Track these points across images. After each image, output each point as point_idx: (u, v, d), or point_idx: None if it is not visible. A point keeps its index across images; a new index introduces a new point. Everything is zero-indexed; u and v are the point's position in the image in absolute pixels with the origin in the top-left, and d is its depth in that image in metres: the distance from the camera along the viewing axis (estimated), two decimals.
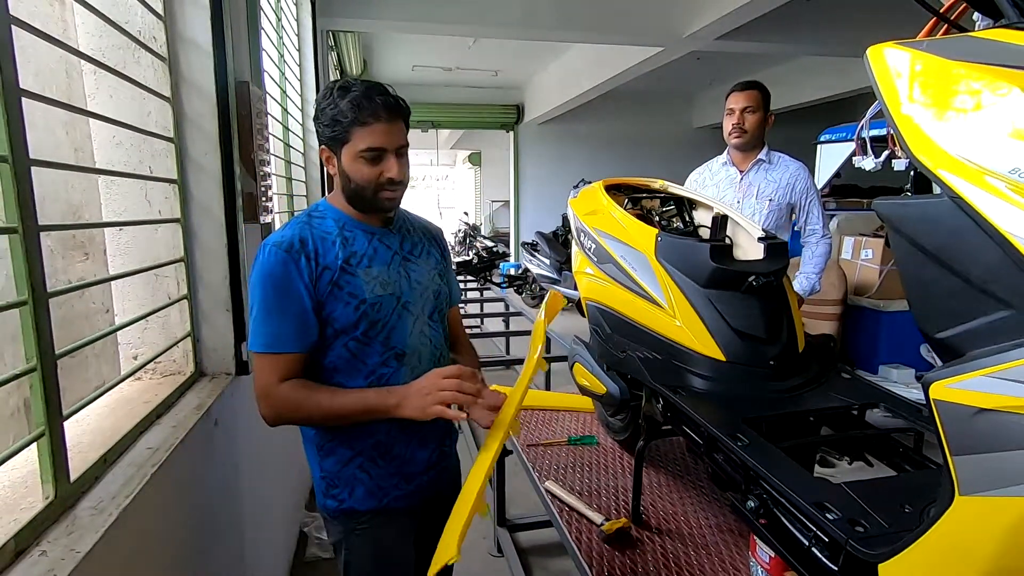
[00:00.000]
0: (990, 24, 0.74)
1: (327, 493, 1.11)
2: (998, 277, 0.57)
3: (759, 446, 1.01)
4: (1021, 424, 0.53)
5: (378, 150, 1.02)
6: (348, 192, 1.06)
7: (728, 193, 2.24)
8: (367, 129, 1.00)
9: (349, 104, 0.99)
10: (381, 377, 1.07)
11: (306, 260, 1.01)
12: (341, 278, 1.03)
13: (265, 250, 1.01)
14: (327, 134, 1.03)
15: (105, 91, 1.29)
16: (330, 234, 1.05)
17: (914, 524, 0.69)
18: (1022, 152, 0.55)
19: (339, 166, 1.05)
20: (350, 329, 1.04)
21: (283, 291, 0.99)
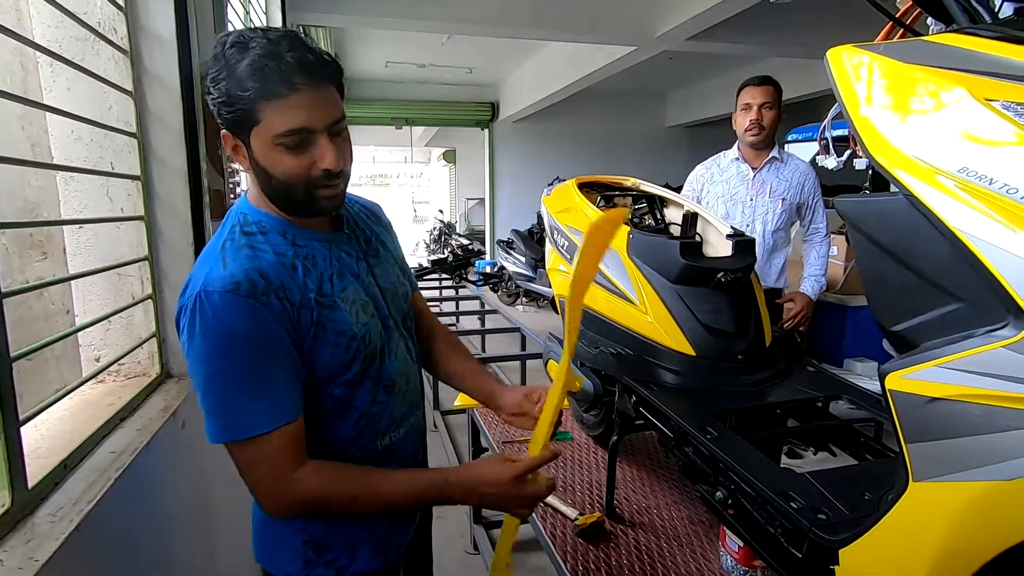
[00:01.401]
0: (942, 29, 0.77)
1: (316, 561, 0.86)
2: (948, 272, 0.59)
3: (727, 439, 1.03)
4: (970, 412, 0.56)
5: (303, 131, 0.72)
6: (269, 191, 0.77)
7: (740, 190, 2.17)
8: (282, 103, 0.70)
9: (250, 69, 0.69)
10: (373, 418, 0.86)
11: (279, 302, 0.73)
12: (322, 314, 0.77)
13: (215, 303, 0.70)
14: (225, 115, 0.73)
15: (63, 84, 1.25)
16: (285, 256, 0.77)
17: (873, 510, 0.72)
18: (970, 152, 0.57)
19: (249, 158, 0.75)
20: (340, 373, 0.81)
21: (259, 352, 0.72)
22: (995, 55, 0.60)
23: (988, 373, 0.54)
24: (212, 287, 0.71)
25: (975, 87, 0.59)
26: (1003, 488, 0.53)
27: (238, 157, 0.77)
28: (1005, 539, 0.55)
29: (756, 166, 2.15)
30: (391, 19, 4.22)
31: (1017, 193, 0.53)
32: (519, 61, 7.17)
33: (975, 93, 0.58)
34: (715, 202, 2.22)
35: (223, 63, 0.71)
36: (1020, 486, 0.52)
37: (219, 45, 0.72)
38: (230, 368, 0.72)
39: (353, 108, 8.44)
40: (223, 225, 0.81)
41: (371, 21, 4.32)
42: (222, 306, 0.70)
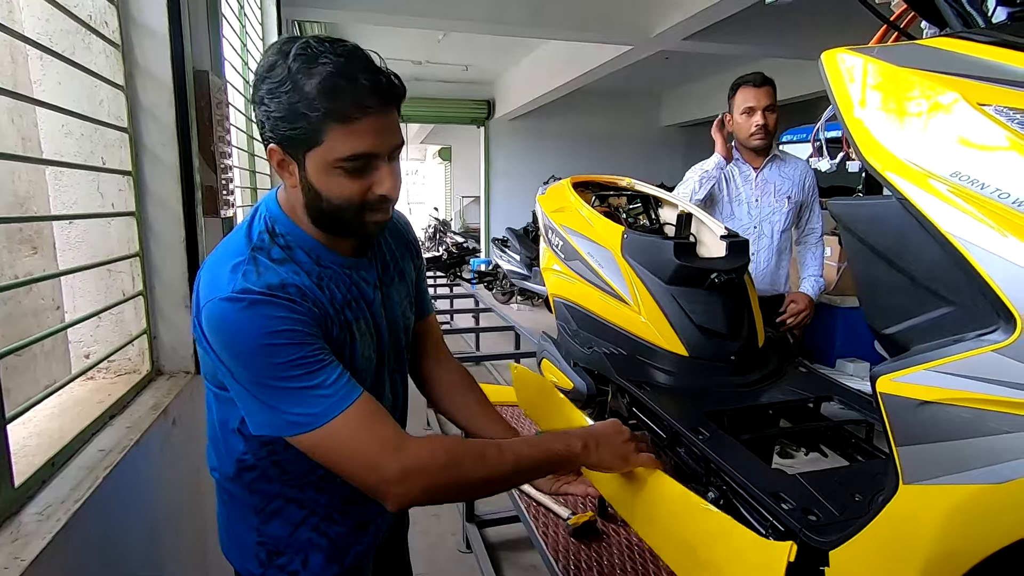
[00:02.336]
0: (936, 32, 0.77)
1: (268, 563, 0.84)
2: (940, 275, 0.59)
3: (719, 439, 1.04)
4: (960, 415, 0.56)
5: (367, 156, 0.69)
6: (315, 211, 0.74)
7: (744, 190, 2.08)
8: (350, 128, 0.67)
9: (320, 87, 0.65)
10: None
11: (316, 309, 0.72)
12: (341, 335, 0.76)
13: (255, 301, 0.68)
14: (282, 130, 0.69)
15: (53, 78, 1.24)
16: (311, 274, 0.75)
17: (863, 512, 0.72)
18: (963, 156, 0.58)
19: (301, 176, 0.72)
20: None
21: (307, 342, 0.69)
22: (989, 59, 0.60)
23: (978, 377, 0.54)
24: (250, 287, 0.68)
25: (968, 91, 0.59)
26: (992, 491, 0.54)
27: (283, 173, 0.74)
28: (994, 542, 0.55)
29: (757, 165, 2.07)
30: (387, 15, 4.20)
31: (1009, 198, 0.54)
32: (515, 59, 7.16)
33: (968, 97, 0.59)
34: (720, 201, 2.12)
35: (286, 75, 0.67)
36: (1009, 489, 0.52)
37: (278, 54, 0.68)
38: (285, 362, 0.67)
39: None
40: (249, 222, 0.78)
41: (366, 17, 4.30)
42: (256, 308, 0.67)
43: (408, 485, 0.68)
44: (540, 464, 0.78)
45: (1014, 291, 0.52)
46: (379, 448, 0.68)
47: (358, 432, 0.68)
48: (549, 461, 0.78)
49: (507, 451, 0.74)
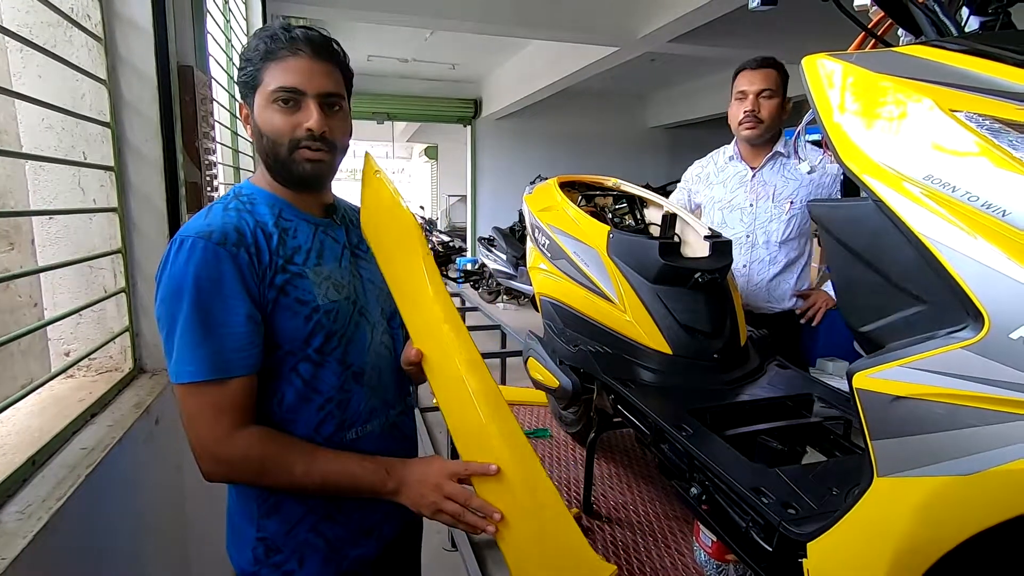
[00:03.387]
0: (912, 40, 0.79)
1: (264, 561, 0.85)
2: (913, 275, 0.62)
3: (703, 436, 1.06)
4: (931, 410, 0.58)
5: (293, 91, 0.78)
6: (263, 154, 0.84)
7: (738, 194, 1.82)
8: (281, 65, 0.79)
9: (263, 39, 0.79)
10: (340, 404, 0.86)
11: (247, 256, 0.77)
12: (287, 280, 0.80)
13: (186, 246, 0.74)
14: (240, 84, 0.83)
15: (33, 71, 1.22)
16: (266, 224, 0.82)
17: (839, 505, 0.75)
18: (935, 160, 0.60)
19: (252, 120, 0.83)
20: (300, 347, 0.82)
21: (221, 296, 0.75)
22: (961, 68, 0.63)
23: (948, 373, 0.56)
24: (191, 233, 0.76)
25: (941, 98, 0.61)
26: (961, 483, 0.56)
27: (247, 126, 0.85)
28: (962, 531, 0.57)
29: (756, 165, 1.80)
30: (373, 12, 4.18)
31: (978, 201, 0.56)
32: (502, 58, 7.16)
33: (941, 104, 0.61)
34: (710, 207, 1.89)
35: (248, 45, 0.81)
36: (976, 480, 0.54)
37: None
38: (189, 309, 0.74)
39: None
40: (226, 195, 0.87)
41: (353, 14, 4.27)
42: (191, 249, 0.75)
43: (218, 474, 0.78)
44: (345, 490, 0.82)
45: (982, 290, 0.54)
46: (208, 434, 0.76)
47: (202, 409, 0.76)
48: (355, 490, 0.82)
49: (315, 471, 0.79)
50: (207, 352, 0.74)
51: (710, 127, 8.99)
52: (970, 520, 0.57)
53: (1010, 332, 0.52)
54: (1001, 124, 0.57)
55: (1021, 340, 0.51)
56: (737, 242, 1.78)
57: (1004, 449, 0.52)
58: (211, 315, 0.74)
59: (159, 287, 0.76)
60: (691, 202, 2.00)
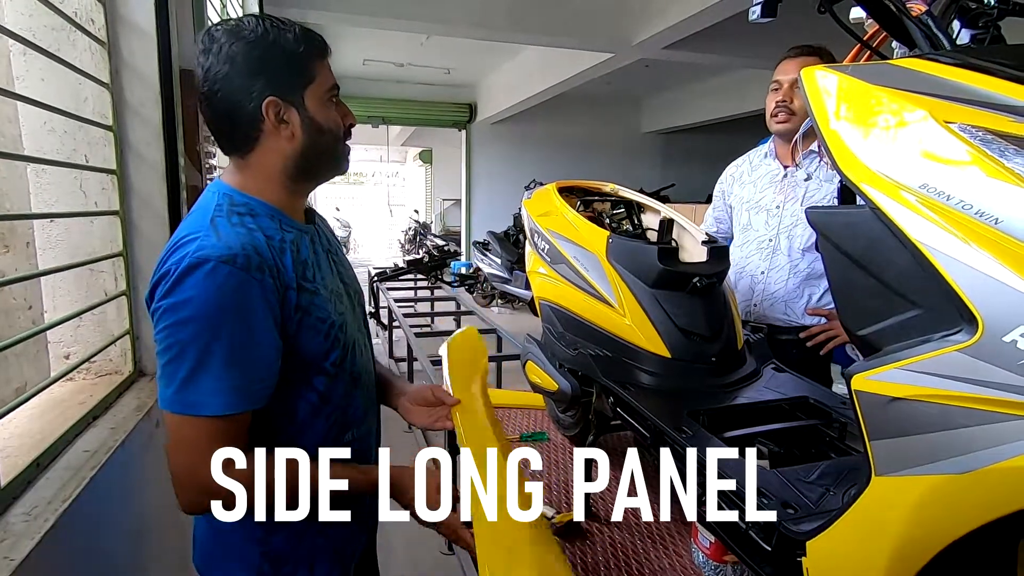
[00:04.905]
0: (906, 53, 0.82)
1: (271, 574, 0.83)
2: (909, 280, 0.64)
3: (701, 437, 1.07)
4: (927, 411, 0.60)
5: (338, 87, 0.82)
6: (308, 154, 0.79)
7: (767, 194, 1.68)
8: (326, 63, 0.80)
9: (298, 35, 0.77)
10: (343, 410, 0.86)
11: (272, 281, 0.73)
12: (306, 299, 0.78)
13: (207, 269, 0.68)
14: (280, 78, 0.75)
15: (36, 74, 1.22)
16: (274, 238, 0.77)
17: (837, 504, 0.76)
18: (930, 170, 0.62)
19: (301, 118, 0.78)
20: (319, 361, 0.81)
21: (249, 327, 0.71)
22: (955, 80, 0.65)
23: (943, 375, 0.58)
24: (208, 254, 0.69)
25: (936, 110, 0.63)
26: (957, 481, 0.58)
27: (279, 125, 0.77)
28: (958, 528, 0.59)
29: (788, 164, 1.66)
30: (369, 17, 4.20)
31: (972, 209, 0.58)
32: (497, 63, 7.19)
33: (935, 115, 0.63)
34: (739, 208, 1.77)
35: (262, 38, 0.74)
36: (971, 479, 0.56)
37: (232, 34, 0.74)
38: (214, 337, 0.69)
39: None
40: (203, 204, 0.79)
41: (349, 18, 4.29)
42: (213, 274, 0.68)
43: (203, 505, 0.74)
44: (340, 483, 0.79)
45: (976, 295, 0.56)
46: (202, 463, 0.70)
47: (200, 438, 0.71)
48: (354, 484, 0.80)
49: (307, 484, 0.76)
50: (233, 385, 0.70)
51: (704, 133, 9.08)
52: (965, 518, 0.59)
53: (1003, 335, 0.54)
54: (993, 136, 0.59)
55: (1014, 343, 0.53)
56: (759, 247, 1.69)
57: (997, 448, 0.54)
58: (238, 347, 0.70)
59: (170, 309, 0.69)
60: (726, 204, 1.85)
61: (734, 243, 1.80)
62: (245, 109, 0.75)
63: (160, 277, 0.71)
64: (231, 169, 0.82)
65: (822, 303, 1.63)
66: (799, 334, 1.63)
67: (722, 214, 1.90)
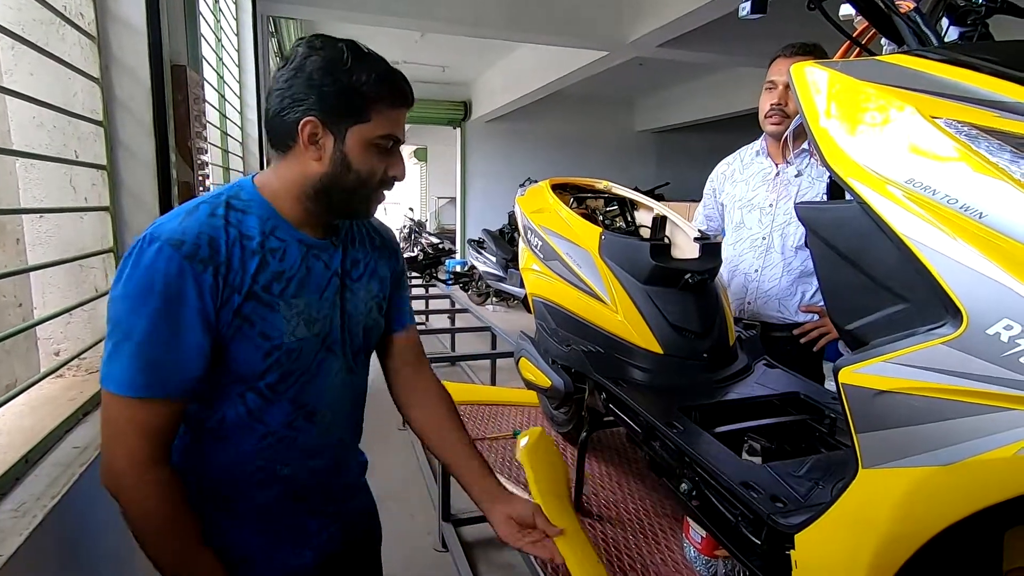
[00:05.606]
0: (895, 49, 0.82)
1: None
2: (896, 275, 0.64)
3: (693, 433, 1.08)
4: (913, 403, 0.61)
5: (395, 140, 0.81)
6: (329, 186, 0.79)
7: (760, 192, 1.69)
8: (392, 113, 0.80)
9: (379, 75, 0.77)
10: (283, 440, 0.81)
11: (213, 275, 0.71)
12: (255, 310, 0.75)
13: (151, 249, 0.69)
14: (329, 104, 0.75)
15: (25, 68, 1.21)
16: (251, 239, 0.76)
17: (826, 497, 0.77)
18: (916, 165, 0.62)
19: (334, 149, 0.77)
20: (252, 379, 0.77)
21: (173, 312, 0.69)
22: (941, 76, 0.65)
23: (928, 367, 0.59)
24: (161, 235, 0.70)
25: (922, 105, 0.64)
26: (941, 472, 0.58)
27: (310, 145, 0.77)
28: (943, 519, 0.60)
29: (780, 161, 1.67)
30: (363, 14, 4.18)
31: (957, 203, 0.58)
32: (492, 61, 7.19)
33: (922, 111, 0.64)
34: (731, 206, 1.78)
35: (341, 57, 0.75)
36: (955, 470, 0.57)
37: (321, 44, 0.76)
38: (137, 316, 0.69)
39: None
40: (215, 191, 0.81)
41: (342, 16, 4.27)
42: (156, 254, 0.69)
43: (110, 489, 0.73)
44: None
45: (961, 288, 0.57)
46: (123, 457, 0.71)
47: (125, 425, 0.70)
48: None
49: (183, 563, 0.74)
50: (146, 368, 0.69)
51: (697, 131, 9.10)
52: (950, 508, 0.59)
53: (987, 328, 0.55)
54: (979, 131, 0.59)
55: (997, 335, 0.54)
56: (752, 244, 1.70)
57: (981, 439, 0.55)
58: (160, 331, 0.69)
59: (117, 282, 0.70)
60: (717, 202, 1.87)
61: (727, 241, 1.81)
62: (289, 117, 0.76)
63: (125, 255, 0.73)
64: (269, 165, 0.84)
65: (815, 300, 1.65)
66: (792, 331, 1.65)
67: (712, 212, 1.90)
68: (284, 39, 5.16)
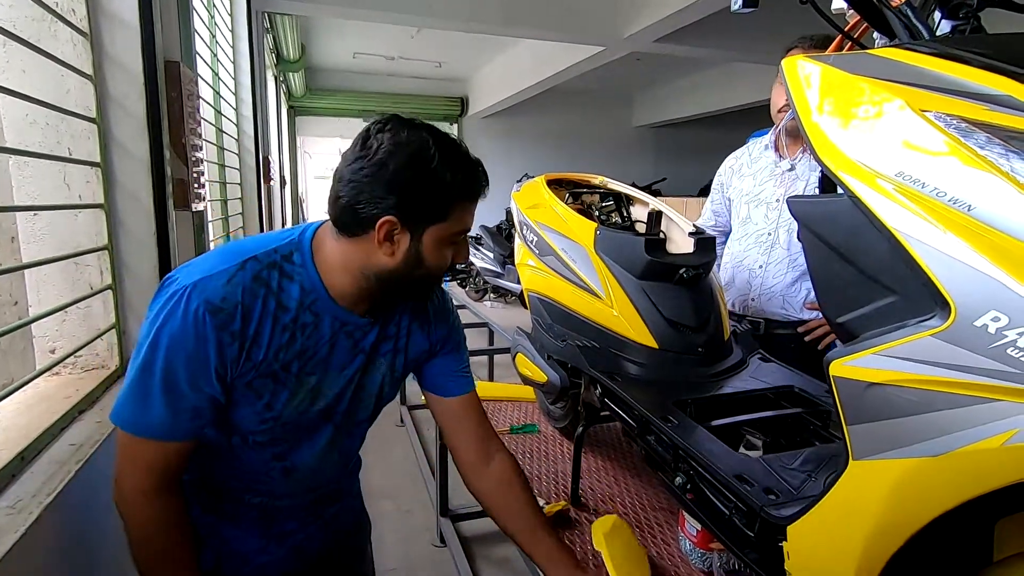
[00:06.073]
0: (886, 43, 0.82)
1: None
2: (886, 268, 0.64)
3: (688, 427, 1.08)
4: (902, 395, 0.61)
5: (466, 233, 0.80)
6: (397, 277, 0.77)
7: (767, 187, 1.66)
8: (469, 208, 0.78)
9: (460, 176, 0.75)
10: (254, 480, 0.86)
11: (239, 349, 0.73)
12: (265, 384, 0.77)
13: (191, 307, 0.71)
14: (414, 208, 0.73)
15: (17, 65, 1.20)
16: (287, 312, 0.76)
17: (818, 490, 0.78)
18: (906, 158, 0.63)
19: (410, 247, 0.76)
20: (241, 432, 0.81)
21: (194, 369, 0.72)
22: (932, 70, 0.66)
23: (918, 359, 0.59)
24: (202, 292, 0.71)
25: (912, 99, 0.64)
26: (931, 463, 0.59)
27: (382, 244, 0.75)
28: (932, 510, 0.60)
29: (791, 155, 1.64)
30: (359, 10, 4.16)
31: (946, 196, 0.59)
32: (489, 57, 7.17)
33: (912, 104, 0.64)
34: (738, 201, 1.76)
35: (423, 157, 0.72)
36: (945, 461, 0.57)
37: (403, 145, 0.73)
38: (162, 361, 0.71)
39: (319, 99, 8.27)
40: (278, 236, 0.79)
41: (339, 11, 4.25)
42: (193, 314, 0.71)
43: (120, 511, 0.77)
44: None
45: (950, 281, 0.57)
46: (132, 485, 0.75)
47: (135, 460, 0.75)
48: None
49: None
50: (159, 414, 0.72)
51: (695, 127, 9.10)
52: (939, 499, 0.60)
53: (975, 320, 0.55)
54: (968, 124, 0.60)
55: (985, 327, 0.54)
56: (758, 240, 1.69)
57: (970, 430, 0.55)
58: (180, 383, 0.72)
59: (152, 320, 0.72)
60: (724, 197, 1.84)
61: (732, 236, 1.80)
62: (365, 212, 0.73)
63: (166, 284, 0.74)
64: (331, 231, 0.79)
65: None
66: (797, 328, 1.64)
67: (720, 207, 1.88)
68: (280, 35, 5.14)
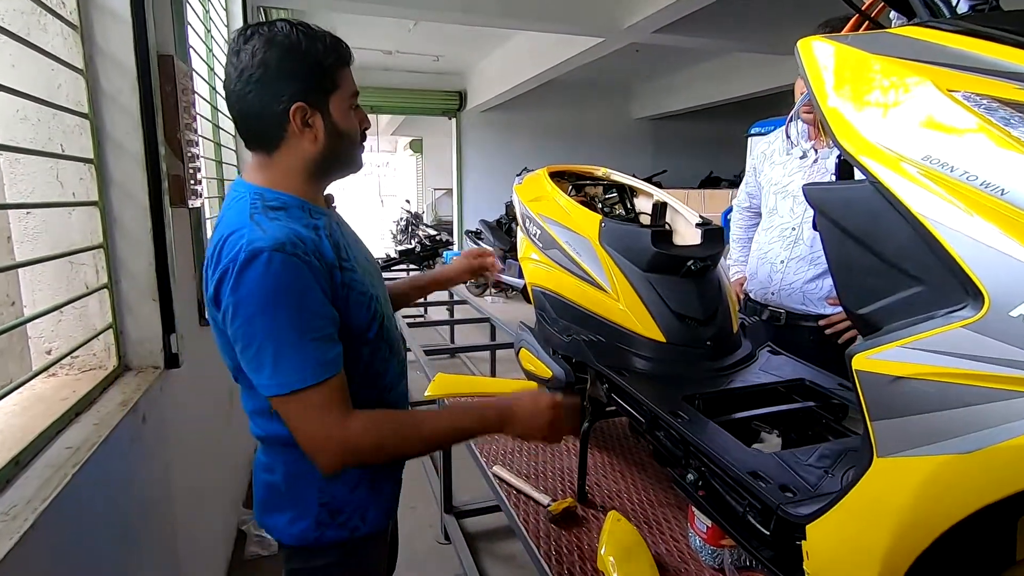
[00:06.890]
0: (905, 22, 0.79)
1: (329, 523, 0.92)
2: (911, 256, 0.62)
3: (698, 422, 1.06)
4: (931, 389, 0.58)
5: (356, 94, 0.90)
6: (330, 156, 0.87)
7: (796, 178, 1.62)
8: (347, 72, 0.87)
9: (326, 44, 0.83)
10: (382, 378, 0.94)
11: (318, 262, 0.80)
12: (347, 276, 0.85)
13: (262, 259, 0.76)
14: (309, 85, 0.82)
15: (6, 60, 1.17)
16: (309, 226, 0.85)
17: (836, 487, 0.75)
18: (933, 140, 0.60)
19: (325, 123, 0.85)
20: (364, 333, 0.88)
21: (309, 305, 0.78)
22: (957, 48, 0.63)
23: (948, 352, 0.57)
24: (260, 245, 0.76)
25: (938, 78, 0.61)
26: (962, 460, 0.56)
27: (305, 131, 0.84)
28: (962, 509, 0.58)
29: (820, 146, 1.59)
30: (355, 3, 4.12)
31: (976, 180, 0.56)
32: (487, 50, 7.11)
33: (938, 84, 0.61)
34: (767, 189, 1.71)
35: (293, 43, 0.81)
36: (977, 458, 0.55)
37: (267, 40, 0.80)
38: (282, 322, 0.77)
39: None
40: (236, 204, 0.85)
41: (335, 5, 4.21)
42: (269, 262, 0.76)
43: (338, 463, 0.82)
44: (454, 439, 0.96)
45: (982, 268, 0.54)
46: (322, 433, 0.80)
47: (308, 412, 0.79)
48: (464, 436, 0.96)
49: (425, 429, 0.87)
50: (309, 359, 0.77)
51: (694, 118, 9.04)
52: (970, 498, 0.57)
53: (1010, 310, 0.52)
54: (999, 103, 0.57)
55: (1021, 318, 0.51)
56: (782, 235, 1.66)
57: (1005, 426, 0.53)
58: (305, 323, 0.78)
59: (240, 304, 0.77)
60: (758, 181, 1.80)
61: (760, 226, 1.80)
62: (274, 111, 0.82)
63: (223, 274, 0.78)
64: (255, 166, 0.88)
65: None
66: (818, 321, 1.63)
67: (755, 189, 1.88)
68: None
